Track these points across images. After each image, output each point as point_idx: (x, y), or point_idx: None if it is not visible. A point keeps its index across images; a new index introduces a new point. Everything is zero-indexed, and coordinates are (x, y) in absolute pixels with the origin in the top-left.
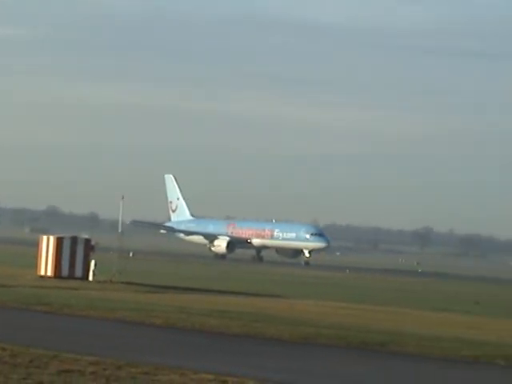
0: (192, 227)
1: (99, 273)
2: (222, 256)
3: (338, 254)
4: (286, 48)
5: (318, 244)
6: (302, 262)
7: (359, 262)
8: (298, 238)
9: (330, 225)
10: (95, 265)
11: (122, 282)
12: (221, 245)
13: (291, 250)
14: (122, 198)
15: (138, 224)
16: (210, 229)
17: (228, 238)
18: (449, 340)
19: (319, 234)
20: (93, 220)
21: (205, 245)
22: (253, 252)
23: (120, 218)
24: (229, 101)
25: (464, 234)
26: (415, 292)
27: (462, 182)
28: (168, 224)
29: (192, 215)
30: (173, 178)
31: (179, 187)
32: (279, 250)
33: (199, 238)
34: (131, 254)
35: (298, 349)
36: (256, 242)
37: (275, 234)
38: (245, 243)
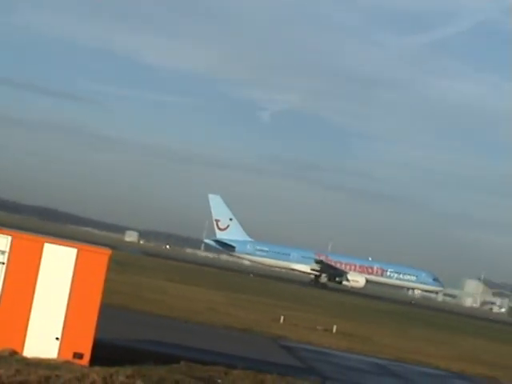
0: (266, 252)
1: None
2: (323, 285)
3: None
4: None
5: (438, 288)
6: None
7: None
8: (419, 280)
9: None
10: None
11: None
12: (359, 281)
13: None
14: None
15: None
16: (294, 256)
17: (363, 275)
18: None
19: (437, 279)
20: None
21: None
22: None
23: None
24: None
25: None
26: None
27: None
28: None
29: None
30: (220, 198)
31: (229, 208)
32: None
33: (292, 264)
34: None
35: None
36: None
37: (388, 273)
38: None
